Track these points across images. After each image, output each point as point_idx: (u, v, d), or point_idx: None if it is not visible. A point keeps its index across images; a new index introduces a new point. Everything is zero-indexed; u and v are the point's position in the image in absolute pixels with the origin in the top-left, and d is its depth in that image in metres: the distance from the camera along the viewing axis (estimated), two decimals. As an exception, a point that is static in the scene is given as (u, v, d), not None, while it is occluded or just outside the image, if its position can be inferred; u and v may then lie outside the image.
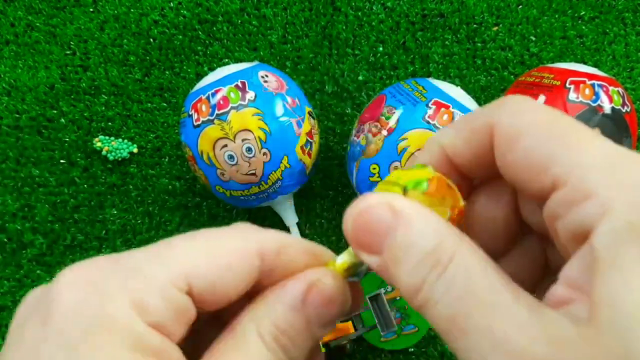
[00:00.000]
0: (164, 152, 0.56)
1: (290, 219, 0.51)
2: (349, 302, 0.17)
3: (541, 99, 0.44)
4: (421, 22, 0.57)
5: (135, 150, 0.56)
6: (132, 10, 0.58)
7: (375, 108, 0.46)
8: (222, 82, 0.45)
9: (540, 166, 0.14)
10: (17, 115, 0.57)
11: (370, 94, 0.57)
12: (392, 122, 0.43)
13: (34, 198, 0.55)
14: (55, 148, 0.56)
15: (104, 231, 0.55)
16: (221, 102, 0.44)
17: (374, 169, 0.44)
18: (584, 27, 0.57)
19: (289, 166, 0.46)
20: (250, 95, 0.44)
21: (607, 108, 0.43)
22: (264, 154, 0.44)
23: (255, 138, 0.44)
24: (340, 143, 0.56)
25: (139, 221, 0.55)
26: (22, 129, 0.57)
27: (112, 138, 0.56)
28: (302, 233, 0.53)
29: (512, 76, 0.56)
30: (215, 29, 0.58)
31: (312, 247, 0.17)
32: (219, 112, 0.44)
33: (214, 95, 0.44)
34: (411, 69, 0.57)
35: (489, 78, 0.56)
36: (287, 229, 0.51)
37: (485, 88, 0.56)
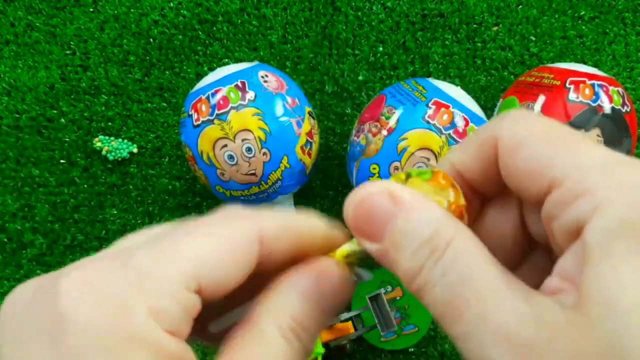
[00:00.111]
0: (164, 152, 0.56)
1: (290, 219, 0.51)
2: (352, 290, 0.18)
3: (541, 99, 0.44)
4: (421, 22, 0.57)
5: (135, 150, 0.56)
6: (132, 10, 0.58)
7: (375, 108, 0.45)
8: (222, 82, 0.45)
9: (539, 170, 0.15)
10: (17, 115, 0.57)
11: (370, 94, 0.57)
12: (392, 122, 0.43)
13: (34, 198, 0.55)
14: (55, 148, 0.56)
15: (104, 231, 0.55)
16: (221, 102, 0.44)
17: (374, 169, 0.44)
18: (584, 27, 0.57)
19: (289, 166, 0.46)
20: (250, 95, 0.44)
21: (607, 108, 0.43)
22: (264, 154, 0.44)
23: (255, 138, 0.44)
24: (340, 143, 0.56)
25: (139, 221, 0.55)
26: (22, 129, 0.57)
27: (112, 138, 0.56)
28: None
29: (512, 76, 0.56)
30: (215, 29, 0.58)
31: (307, 226, 0.18)
32: (219, 112, 0.44)
33: (214, 95, 0.44)
34: (411, 69, 0.57)
35: (489, 78, 0.56)
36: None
37: (485, 88, 0.56)
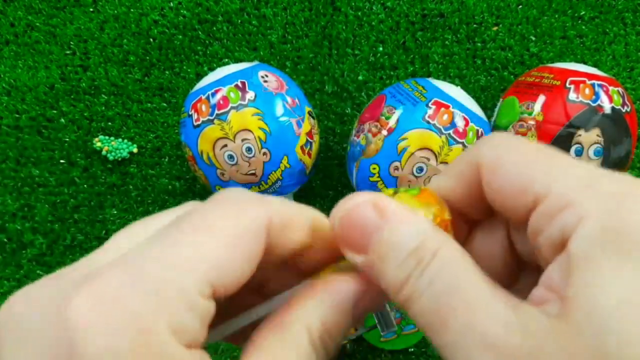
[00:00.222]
0: (164, 152, 0.56)
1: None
2: (383, 302, 0.18)
3: (541, 99, 0.44)
4: (421, 22, 0.57)
5: (135, 150, 0.56)
6: (132, 10, 0.58)
7: (375, 108, 0.45)
8: (222, 82, 0.45)
9: (522, 188, 0.15)
10: (17, 115, 0.57)
11: (370, 94, 0.57)
12: (392, 122, 0.43)
13: (34, 198, 0.55)
14: (55, 148, 0.56)
15: (104, 231, 0.55)
16: (221, 102, 0.44)
17: (373, 168, 0.44)
18: (584, 27, 0.57)
19: (289, 166, 0.46)
20: (250, 95, 0.44)
21: (607, 108, 0.43)
22: (264, 154, 0.44)
23: (255, 138, 0.44)
24: (340, 143, 0.56)
25: (139, 221, 0.55)
26: (22, 129, 0.57)
27: (112, 138, 0.56)
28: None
29: (512, 76, 0.56)
30: (215, 29, 0.58)
31: (315, 218, 0.17)
32: (218, 112, 0.44)
33: (214, 95, 0.44)
34: (411, 69, 0.57)
35: (489, 78, 0.56)
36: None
37: (485, 88, 0.56)
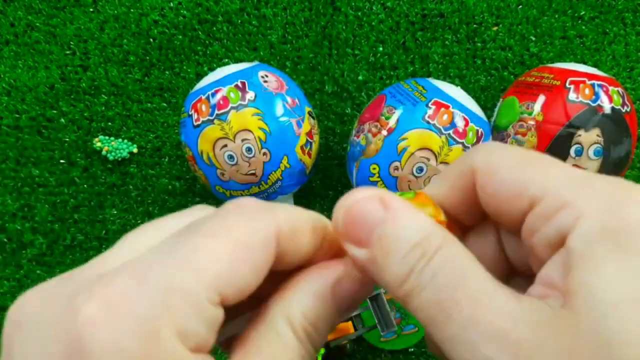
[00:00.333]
0: (164, 152, 0.56)
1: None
2: (369, 293, 0.18)
3: (541, 99, 0.44)
4: (421, 22, 0.57)
5: (135, 150, 0.56)
6: (132, 10, 0.58)
7: (375, 108, 0.45)
8: (222, 82, 0.45)
9: (518, 192, 0.15)
10: (17, 115, 0.57)
11: (370, 94, 0.57)
12: (392, 122, 0.43)
13: (34, 198, 0.55)
14: (55, 148, 0.56)
15: (104, 231, 0.55)
16: (221, 102, 0.44)
17: (373, 169, 0.44)
18: (584, 27, 0.57)
19: (289, 166, 0.46)
20: (250, 95, 0.44)
21: (607, 108, 0.43)
22: (264, 154, 0.44)
23: (255, 138, 0.44)
24: (340, 143, 0.56)
25: (139, 221, 0.55)
26: (22, 129, 0.57)
27: (112, 138, 0.56)
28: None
29: (512, 76, 0.56)
30: (215, 29, 0.58)
31: (319, 225, 0.17)
32: (218, 112, 0.44)
33: (214, 95, 0.44)
34: (411, 69, 0.57)
35: (489, 78, 0.56)
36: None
37: (485, 88, 0.56)
